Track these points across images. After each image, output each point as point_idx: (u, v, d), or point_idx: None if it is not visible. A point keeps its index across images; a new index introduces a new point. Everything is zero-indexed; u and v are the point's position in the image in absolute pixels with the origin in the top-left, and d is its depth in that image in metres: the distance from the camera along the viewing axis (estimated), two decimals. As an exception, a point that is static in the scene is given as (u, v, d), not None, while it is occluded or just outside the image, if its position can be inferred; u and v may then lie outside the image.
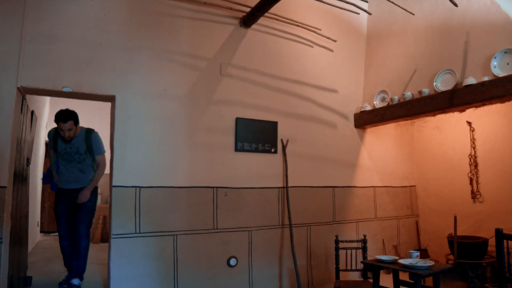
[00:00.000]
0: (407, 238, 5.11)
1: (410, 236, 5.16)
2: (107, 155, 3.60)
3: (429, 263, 2.96)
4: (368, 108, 4.75)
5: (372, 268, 3.21)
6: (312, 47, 4.61)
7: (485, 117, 4.51)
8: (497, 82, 3.43)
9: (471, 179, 4.59)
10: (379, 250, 4.79)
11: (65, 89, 3.16)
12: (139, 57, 3.47)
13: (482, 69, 3.64)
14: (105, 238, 6.64)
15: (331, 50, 4.78)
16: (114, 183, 3.27)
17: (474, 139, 4.60)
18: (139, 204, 3.34)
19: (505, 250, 2.80)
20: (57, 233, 3.83)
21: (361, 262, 3.47)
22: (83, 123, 3.81)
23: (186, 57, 3.72)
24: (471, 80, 3.62)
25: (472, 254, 3.89)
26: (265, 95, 4.17)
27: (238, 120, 3.94)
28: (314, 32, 4.55)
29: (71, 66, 3.19)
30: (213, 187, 3.74)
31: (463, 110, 3.88)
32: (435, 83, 3.97)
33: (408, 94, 4.24)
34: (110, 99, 3.45)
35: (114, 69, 3.35)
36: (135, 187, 3.35)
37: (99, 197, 7.52)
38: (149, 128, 3.47)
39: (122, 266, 3.20)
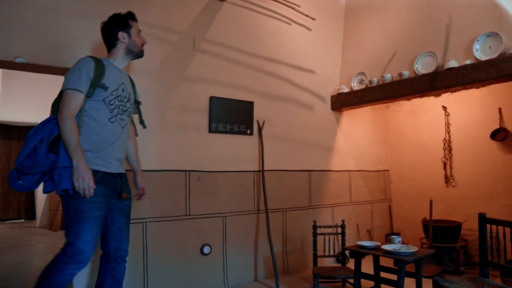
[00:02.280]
0: (380, 222, 5.12)
1: (383, 220, 5.16)
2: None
3: (412, 248, 2.90)
4: (346, 90, 4.62)
5: (354, 254, 3.12)
6: (290, 24, 4.39)
7: (460, 102, 4.51)
8: (479, 65, 3.37)
9: (445, 164, 4.61)
10: (354, 235, 4.75)
11: (17, 60, 2.76)
12: (104, 27, 3.11)
13: (464, 53, 3.58)
14: (65, 224, 6.19)
15: (309, 29, 4.58)
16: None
17: (449, 124, 4.60)
18: (105, 189, 3.04)
19: (488, 234, 2.76)
20: (11, 221, 2.94)
21: (343, 248, 3.38)
22: (39, 99, 3.41)
23: (156, 29, 3.39)
24: (453, 63, 3.55)
25: (446, 238, 3.91)
26: (241, 73, 3.92)
27: (212, 99, 3.68)
28: (293, 8, 4.32)
29: (25, 34, 2.79)
30: (185, 171, 3.50)
31: (446, 93, 3.82)
32: (415, 66, 3.88)
33: (388, 76, 4.14)
34: (71, 72, 3.08)
35: (75, 39, 2.97)
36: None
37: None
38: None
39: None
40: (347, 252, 4.15)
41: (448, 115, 4.61)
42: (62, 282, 2.06)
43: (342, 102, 4.64)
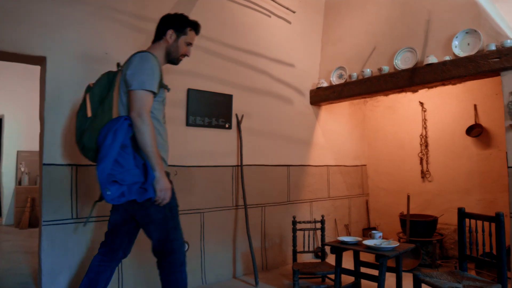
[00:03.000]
0: (358, 217, 5.14)
1: (360, 215, 5.19)
2: (37, 127, 3.04)
3: (393, 243, 2.90)
4: (325, 84, 4.59)
5: (336, 250, 3.09)
6: (269, 17, 4.31)
7: (437, 98, 4.57)
8: (458, 62, 3.40)
9: (421, 159, 4.67)
10: (332, 230, 4.75)
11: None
12: (77, 13, 2.92)
13: (443, 49, 3.60)
14: (34, 223, 5.94)
15: (289, 22, 4.52)
16: (44, 161, 2.76)
17: (425, 119, 4.66)
18: (76, 185, 2.88)
19: (467, 228, 2.79)
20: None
21: (324, 244, 3.34)
22: (3, 89, 3.19)
23: (132, 18, 3.23)
24: (432, 59, 3.57)
25: (423, 232, 3.96)
26: (220, 65, 3.81)
27: (189, 92, 3.56)
28: (273, 0, 4.23)
29: (-13, 17, 2.58)
30: (162, 166, 3.36)
31: (425, 88, 3.84)
32: (395, 61, 3.89)
33: (367, 71, 4.13)
34: (40, 61, 2.88)
35: (45, 25, 2.78)
36: (71, 165, 2.87)
37: (26, 177, 6.76)
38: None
39: (56, 256, 2.75)
40: (326, 248, 4.13)
41: (425, 111, 4.66)
42: (185, 275, 2.24)
43: (321, 96, 4.61)
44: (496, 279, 3.23)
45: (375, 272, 3.04)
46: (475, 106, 4.20)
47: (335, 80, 4.54)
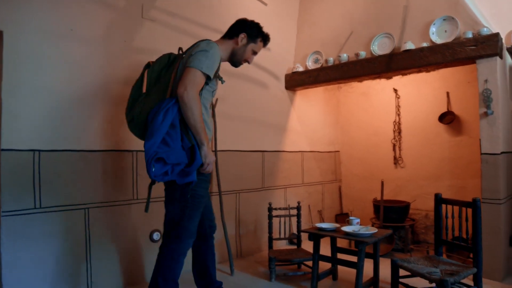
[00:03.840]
0: (331, 203, 5.16)
1: (333, 201, 5.21)
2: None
3: (371, 230, 2.89)
4: (301, 69, 4.51)
5: (314, 237, 3.06)
6: (246, -3, 4.15)
7: (411, 85, 4.60)
8: (435, 48, 3.41)
9: (394, 145, 4.72)
10: (306, 216, 4.74)
11: None
12: (36, -17, 2.66)
13: (420, 35, 3.60)
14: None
15: (265, 4, 4.37)
16: (3, 146, 2.51)
17: (399, 106, 4.69)
18: (39, 172, 2.65)
19: (443, 214, 2.83)
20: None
21: (302, 231, 3.30)
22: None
23: (99, -9, 2.99)
24: (409, 45, 3.56)
25: (395, 217, 4.01)
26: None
27: (162, 74, 3.36)
28: (249, -21, 4.07)
29: None
30: (132, 151, 3.18)
31: (402, 75, 3.85)
32: (372, 47, 3.85)
33: (344, 56, 4.09)
34: (-6, 35, 2.60)
35: None
36: (33, 150, 2.63)
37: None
38: (51, 76, 2.72)
39: (18, 249, 2.53)
40: (304, 234, 4.11)
41: (398, 98, 4.69)
42: (181, 265, 2.21)
43: (297, 81, 4.53)
44: (466, 261, 3.33)
45: (351, 258, 3.04)
46: (447, 93, 4.26)
47: (311, 65, 4.46)
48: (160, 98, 2.09)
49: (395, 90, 4.71)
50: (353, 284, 3.11)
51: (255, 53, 2.44)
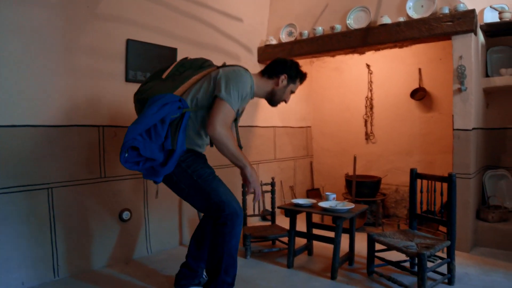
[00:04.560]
0: (302, 178, 5.16)
1: (305, 176, 5.22)
2: None
3: (348, 205, 2.89)
4: (274, 42, 4.37)
5: (290, 213, 3.02)
6: (217, -38, 3.90)
7: (383, 61, 4.59)
8: (412, 23, 3.37)
9: (366, 121, 4.74)
10: (278, 192, 4.71)
11: None
12: None
13: (397, 10, 3.55)
14: None
15: (238, -29, 4.15)
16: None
17: (371, 81, 4.68)
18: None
19: (418, 188, 2.86)
20: None
21: (278, 207, 3.25)
22: None
23: None
24: (386, 20, 3.50)
25: (367, 192, 4.06)
26: (163, 15, 3.39)
27: (129, 43, 3.13)
28: None
29: None
30: (98, 126, 2.97)
31: (378, 50, 3.80)
32: (348, 21, 3.77)
33: (319, 30, 3.98)
34: None
35: None
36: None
37: None
38: (5, 44, 2.44)
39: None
40: (280, 210, 4.09)
41: (371, 73, 4.68)
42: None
43: (270, 54, 4.38)
44: (436, 234, 3.44)
45: (325, 233, 3.05)
46: (419, 70, 4.29)
47: (284, 38, 4.33)
48: (167, 91, 2.07)
49: (368, 66, 4.69)
50: (329, 259, 3.13)
51: (292, 92, 2.43)
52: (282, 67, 2.30)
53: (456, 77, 3.22)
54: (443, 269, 2.66)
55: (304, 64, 5.16)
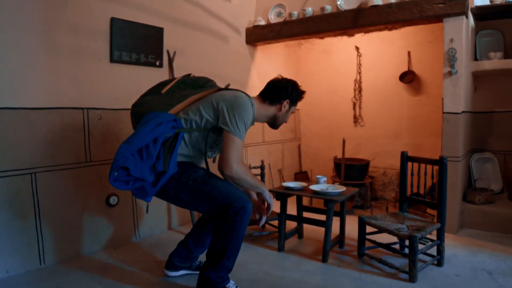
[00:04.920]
0: (290, 161, 5.15)
1: (293, 159, 5.20)
2: None
3: (339, 188, 2.88)
4: (263, 22, 4.27)
5: (281, 196, 3.00)
6: None
7: (373, 44, 4.55)
8: (404, 5, 3.33)
9: (354, 104, 4.72)
10: (266, 175, 4.68)
11: None
12: None
13: (388, -10, 3.49)
14: None
15: None
16: None
17: (360, 64, 4.65)
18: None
19: (409, 171, 2.87)
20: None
21: (269, 190, 3.21)
22: None
23: None
24: (377, 0, 3.45)
25: (356, 175, 4.07)
26: (149, -8, 3.26)
27: (114, 21, 2.99)
28: None
29: None
30: (83, 108, 2.86)
31: (368, 32, 3.75)
32: (338, 2, 3.70)
33: (309, 10, 3.90)
34: None
35: None
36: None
37: None
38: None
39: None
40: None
41: (360, 56, 4.64)
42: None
43: (258, 35, 4.29)
44: (423, 216, 3.48)
45: (315, 216, 3.05)
46: (408, 52, 4.27)
47: (273, 18, 4.23)
48: (163, 109, 2.06)
49: (357, 48, 4.65)
50: (319, 242, 3.14)
51: (293, 112, 2.44)
52: (284, 92, 2.26)
53: (446, 60, 3.21)
54: (432, 250, 2.70)
55: (293, 45, 5.09)
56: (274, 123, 2.36)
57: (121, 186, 1.89)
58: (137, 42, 3.18)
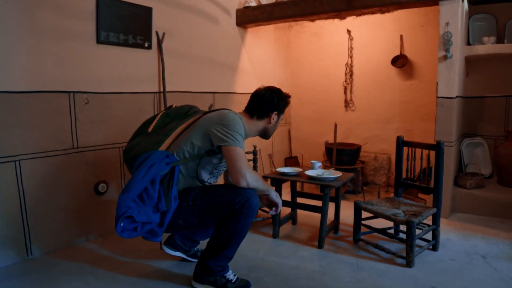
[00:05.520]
0: (280, 146, 5.10)
1: (283, 144, 5.15)
2: None
3: (335, 173, 2.85)
4: (254, 3, 4.14)
5: (276, 182, 2.95)
6: None
7: (364, 27, 4.48)
8: (400, -14, 3.26)
9: (345, 88, 4.67)
10: (258, 160, 4.63)
11: None
12: None
13: (383, -29, 3.41)
14: None
15: None
16: None
17: (352, 48, 4.58)
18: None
19: (404, 156, 2.86)
20: None
21: (263, 176, 3.17)
22: None
23: None
24: (372, -19, 3.37)
25: (347, 160, 4.05)
26: (136, -32, 3.09)
27: (100, 0, 2.83)
28: None
29: None
30: (68, 92, 2.71)
31: (363, 15, 3.68)
32: (332, -18, 3.60)
33: (302, -9, 3.79)
34: None
35: None
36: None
37: None
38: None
39: None
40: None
41: (351, 39, 4.57)
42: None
43: (249, 17, 4.16)
44: (415, 200, 3.50)
45: (309, 202, 3.02)
46: (401, 36, 4.22)
47: (264, 0, 4.11)
48: (152, 148, 2.04)
49: (349, 31, 4.57)
50: (313, 228, 3.13)
51: (281, 119, 2.37)
52: (270, 105, 2.21)
53: (442, 44, 3.17)
54: (427, 235, 2.71)
55: (283, 28, 4.98)
56: (265, 135, 2.33)
57: (130, 234, 1.86)
58: (125, 23, 3.03)
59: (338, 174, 2.83)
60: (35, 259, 2.50)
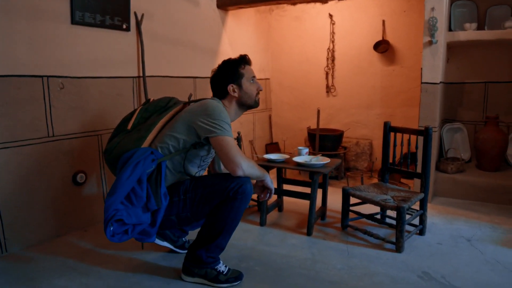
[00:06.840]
0: (261, 132, 5.03)
1: (264, 130, 5.09)
2: None
3: (322, 160, 2.82)
4: (235, -15, 4.00)
5: (264, 170, 2.89)
6: None
7: (347, 11, 4.43)
8: (385, -31, 3.22)
9: (327, 74, 4.63)
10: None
11: None
12: None
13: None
14: None
15: None
16: None
17: (333, 32, 4.53)
18: None
19: (392, 141, 2.86)
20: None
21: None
22: None
23: None
24: (358, -36, 3.32)
25: (330, 146, 4.04)
26: None
27: (73, -23, 2.64)
28: None
29: None
30: (42, 76, 2.53)
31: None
32: (316, -37, 3.52)
33: (285, -27, 3.69)
34: None
35: None
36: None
37: None
38: None
39: None
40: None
41: (333, 24, 4.51)
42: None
43: (230, -1, 4.03)
44: (398, 185, 3.54)
45: (295, 189, 2.99)
46: (383, 21, 4.20)
47: (245, -19, 3.97)
48: (134, 146, 1.93)
49: (331, 16, 4.51)
50: (300, 215, 3.11)
51: (253, 78, 2.19)
52: (220, 82, 2.12)
53: (427, 29, 3.17)
54: (414, 221, 2.75)
55: (264, 11, 4.87)
56: (246, 105, 2.19)
57: (121, 238, 1.77)
58: (101, 2, 2.85)
59: (326, 160, 2.80)
60: (11, 256, 2.35)
